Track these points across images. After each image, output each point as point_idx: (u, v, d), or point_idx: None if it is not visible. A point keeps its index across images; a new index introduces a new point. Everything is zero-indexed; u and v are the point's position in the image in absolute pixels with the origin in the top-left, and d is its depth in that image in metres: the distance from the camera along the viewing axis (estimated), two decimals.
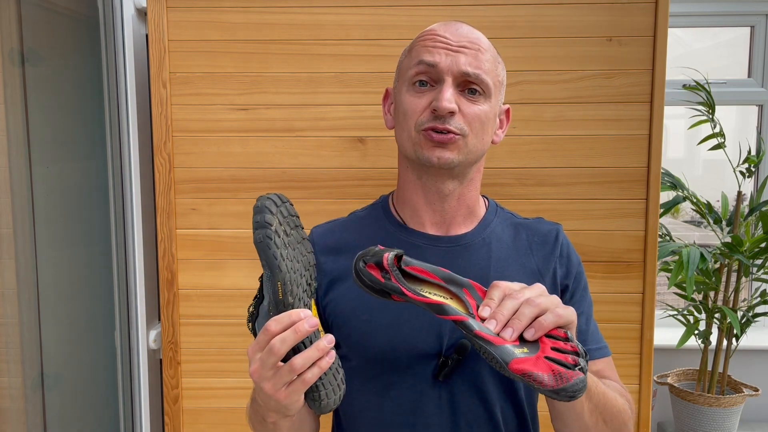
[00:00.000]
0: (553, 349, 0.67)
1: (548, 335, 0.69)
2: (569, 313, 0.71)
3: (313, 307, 0.82)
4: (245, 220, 1.53)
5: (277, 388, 0.71)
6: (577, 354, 0.67)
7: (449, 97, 0.84)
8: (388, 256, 0.71)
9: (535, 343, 0.68)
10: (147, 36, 1.58)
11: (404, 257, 0.74)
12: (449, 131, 0.85)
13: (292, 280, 0.74)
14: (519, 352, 0.66)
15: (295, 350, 0.71)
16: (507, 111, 0.96)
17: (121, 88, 1.66)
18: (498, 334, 0.68)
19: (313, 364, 0.71)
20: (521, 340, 0.68)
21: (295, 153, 1.51)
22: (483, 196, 1.00)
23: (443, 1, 1.47)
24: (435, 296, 0.72)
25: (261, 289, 0.76)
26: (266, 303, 0.74)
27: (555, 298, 0.72)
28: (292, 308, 0.73)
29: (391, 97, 0.97)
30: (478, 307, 0.71)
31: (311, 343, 0.72)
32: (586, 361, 0.67)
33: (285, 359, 0.71)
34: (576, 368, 0.65)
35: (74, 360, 1.68)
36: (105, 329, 1.73)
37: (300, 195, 1.52)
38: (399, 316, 0.89)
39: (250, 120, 1.51)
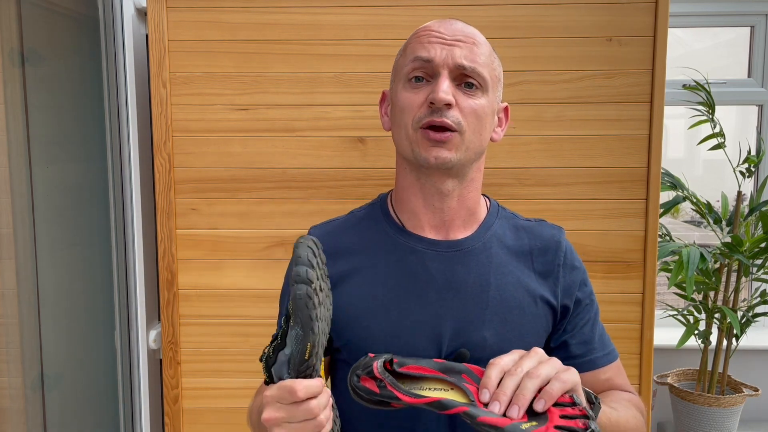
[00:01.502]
0: (562, 417, 0.66)
1: (555, 404, 0.68)
2: (573, 376, 0.70)
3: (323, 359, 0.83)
4: (245, 220, 1.53)
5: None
6: (586, 417, 0.66)
7: (446, 89, 0.83)
8: (377, 365, 0.71)
9: (543, 415, 0.66)
10: (147, 36, 1.58)
11: (396, 359, 0.73)
12: (446, 125, 0.83)
13: (319, 343, 0.73)
14: (527, 426, 0.64)
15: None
16: (506, 109, 0.95)
17: (121, 88, 1.66)
18: (504, 414, 0.66)
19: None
20: (528, 413, 0.67)
21: (295, 153, 1.51)
22: (484, 195, 0.99)
23: (443, 1, 1.47)
24: (433, 392, 0.71)
25: (283, 336, 0.75)
26: (288, 353, 0.73)
27: (555, 362, 0.71)
28: (314, 369, 0.74)
29: (387, 99, 0.96)
30: (478, 390, 0.70)
31: None
32: (595, 419, 0.67)
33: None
34: (587, 431, 0.64)
35: (74, 360, 1.68)
36: (105, 329, 1.73)
37: (300, 195, 1.52)
38: (398, 324, 0.88)
39: (250, 120, 1.51)
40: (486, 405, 0.68)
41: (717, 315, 1.94)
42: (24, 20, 1.46)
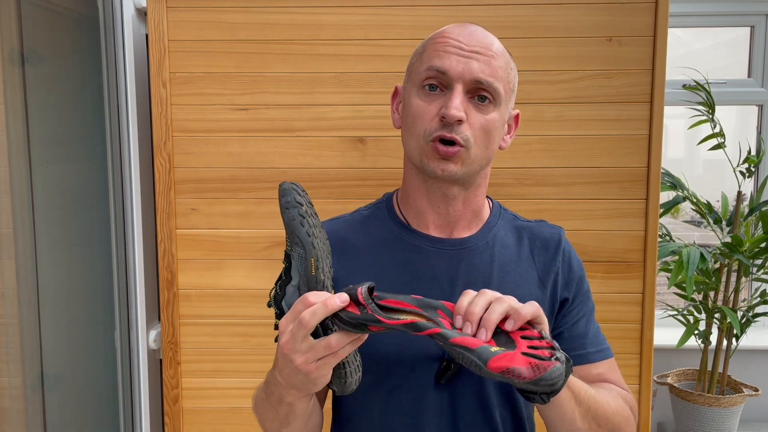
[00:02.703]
0: (529, 347, 0.68)
1: (523, 336, 0.70)
2: (537, 308, 0.72)
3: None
4: (245, 220, 1.53)
5: (309, 361, 0.71)
6: (552, 348, 0.68)
7: (458, 105, 0.83)
8: (362, 289, 0.72)
9: (511, 344, 0.69)
10: (147, 36, 1.58)
11: (376, 293, 0.75)
12: (455, 141, 0.84)
13: (322, 258, 0.76)
14: (496, 350, 0.67)
15: (324, 329, 0.72)
16: (516, 116, 0.95)
17: (121, 88, 1.66)
18: (474, 336, 0.69)
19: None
20: (497, 342, 0.69)
21: (295, 153, 1.51)
22: (487, 197, 1.00)
23: (443, 1, 1.47)
24: (408, 317, 0.73)
25: (287, 270, 0.77)
26: (296, 281, 0.76)
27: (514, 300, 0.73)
28: (323, 285, 0.76)
29: (399, 96, 0.96)
30: (452, 325, 0.72)
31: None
32: (565, 355, 0.69)
33: (315, 336, 0.72)
34: (552, 359, 0.66)
35: (74, 360, 1.68)
36: (105, 329, 1.73)
37: None
38: None
39: (250, 120, 1.51)
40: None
41: (717, 315, 1.94)
42: (24, 20, 1.46)
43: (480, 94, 0.85)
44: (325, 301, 0.69)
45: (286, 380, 0.75)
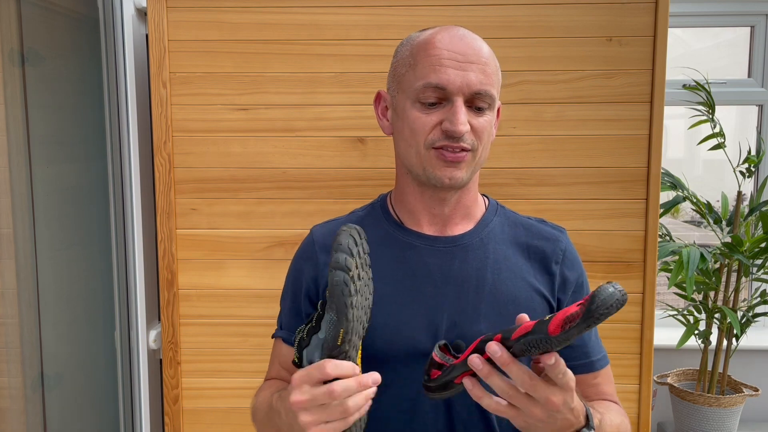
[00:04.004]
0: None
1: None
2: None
3: (359, 349, 0.83)
4: (245, 220, 1.53)
5: (317, 422, 0.71)
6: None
7: (463, 120, 0.83)
8: (436, 354, 0.75)
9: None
10: (147, 36, 1.58)
11: (447, 344, 0.78)
12: (463, 148, 0.85)
13: (353, 330, 0.73)
14: (547, 318, 0.66)
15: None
16: (498, 108, 0.96)
17: (121, 88, 1.66)
18: None
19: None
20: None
21: (295, 153, 1.51)
22: (484, 195, 1.00)
23: (443, 1, 1.47)
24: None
25: (318, 319, 0.75)
26: (321, 337, 0.74)
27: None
28: (346, 355, 0.74)
29: (384, 101, 0.95)
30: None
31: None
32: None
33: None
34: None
35: (74, 360, 1.68)
36: (105, 329, 1.73)
37: (300, 195, 1.52)
38: (397, 317, 0.90)
39: (250, 120, 1.51)
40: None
41: (717, 315, 1.94)
42: (24, 20, 1.46)
43: (478, 105, 0.86)
44: (361, 382, 0.70)
45: (288, 427, 0.75)
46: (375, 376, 0.71)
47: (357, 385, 0.70)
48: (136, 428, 1.73)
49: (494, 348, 0.67)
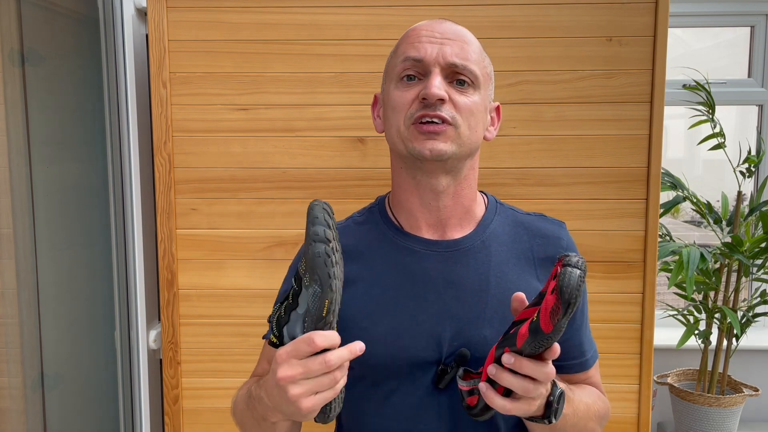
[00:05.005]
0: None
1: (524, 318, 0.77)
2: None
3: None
4: (245, 220, 1.53)
5: (306, 394, 0.71)
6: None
7: (438, 84, 0.83)
8: (462, 385, 0.80)
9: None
10: (147, 36, 1.58)
11: (463, 367, 0.83)
12: (440, 117, 0.84)
13: (336, 301, 0.74)
14: (534, 318, 0.71)
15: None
16: (497, 108, 0.95)
17: (121, 88, 1.66)
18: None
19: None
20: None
21: (295, 153, 1.51)
22: (482, 192, 0.99)
23: (443, 1, 1.47)
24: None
25: (295, 296, 0.75)
26: (302, 311, 0.74)
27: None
28: (331, 326, 0.75)
29: (379, 102, 0.96)
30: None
31: None
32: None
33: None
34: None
35: (74, 360, 1.68)
36: (105, 329, 1.73)
37: (300, 195, 1.52)
38: (399, 325, 0.88)
39: (250, 120, 1.51)
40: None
41: (717, 315, 1.94)
42: (24, 20, 1.46)
43: (458, 78, 0.86)
44: (351, 350, 0.72)
45: (274, 405, 0.75)
46: (361, 345, 0.73)
47: (349, 354, 0.71)
48: (136, 428, 1.73)
49: (507, 359, 0.73)
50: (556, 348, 0.72)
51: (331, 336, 0.71)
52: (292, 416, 0.75)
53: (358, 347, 0.72)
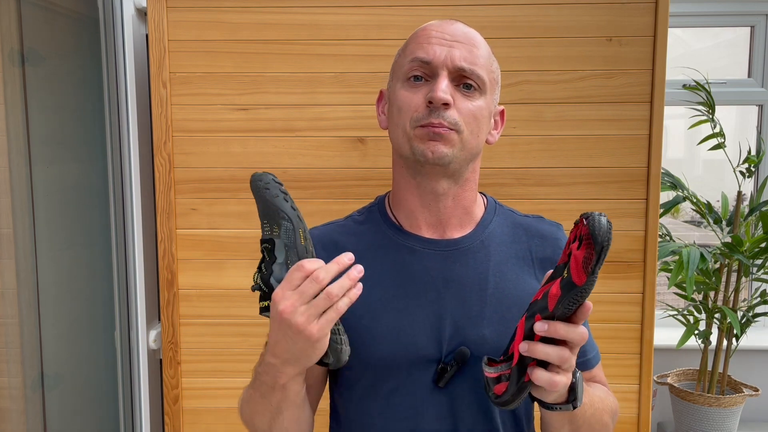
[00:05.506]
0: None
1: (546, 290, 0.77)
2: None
3: None
4: (245, 220, 1.53)
5: (311, 320, 0.71)
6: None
7: (444, 88, 0.84)
8: (488, 372, 0.78)
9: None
10: (147, 36, 1.58)
11: (488, 357, 0.82)
12: (443, 126, 0.84)
13: (307, 231, 0.78)
14: (565, 272, 0.71)
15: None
16: (502, 112, 0.96)
17: (121, 88, 1.66)
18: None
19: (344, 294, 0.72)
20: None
21: (295, 153, 1.51)
22: (482, 193, 0.99)
23: (443, 1, 1.47)
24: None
25: (270, 252, 0.78)
26: (282, 260, 0.77)
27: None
28: (312, 254, 0.79)
29: (384, 98, 0.96)
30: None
31: None
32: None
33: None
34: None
35: (74, 360, 1.68)
36: (105, 329, 1.73)
37: (300, 195, 1.52)
38: (399, 323, 0.88)
39: (250, 120, 1.51)
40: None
41: (717, 315, 1.94)
42: (24, 20, 1.46)
43: (465, 82, 0.86)
44: (337, 259, 0.72)
45: (282, 355, 0.75)
46: (350, 255, 0.73)
47: (338, 267, 0.72)
48: (136, 428, 1.73)
49: (541, 326, 0.72)
50: (589, 305, 0.71)
51: (318, 260, 0.72)
52: (305, 357, 0.74)
53: (346, 258, 0.72)
